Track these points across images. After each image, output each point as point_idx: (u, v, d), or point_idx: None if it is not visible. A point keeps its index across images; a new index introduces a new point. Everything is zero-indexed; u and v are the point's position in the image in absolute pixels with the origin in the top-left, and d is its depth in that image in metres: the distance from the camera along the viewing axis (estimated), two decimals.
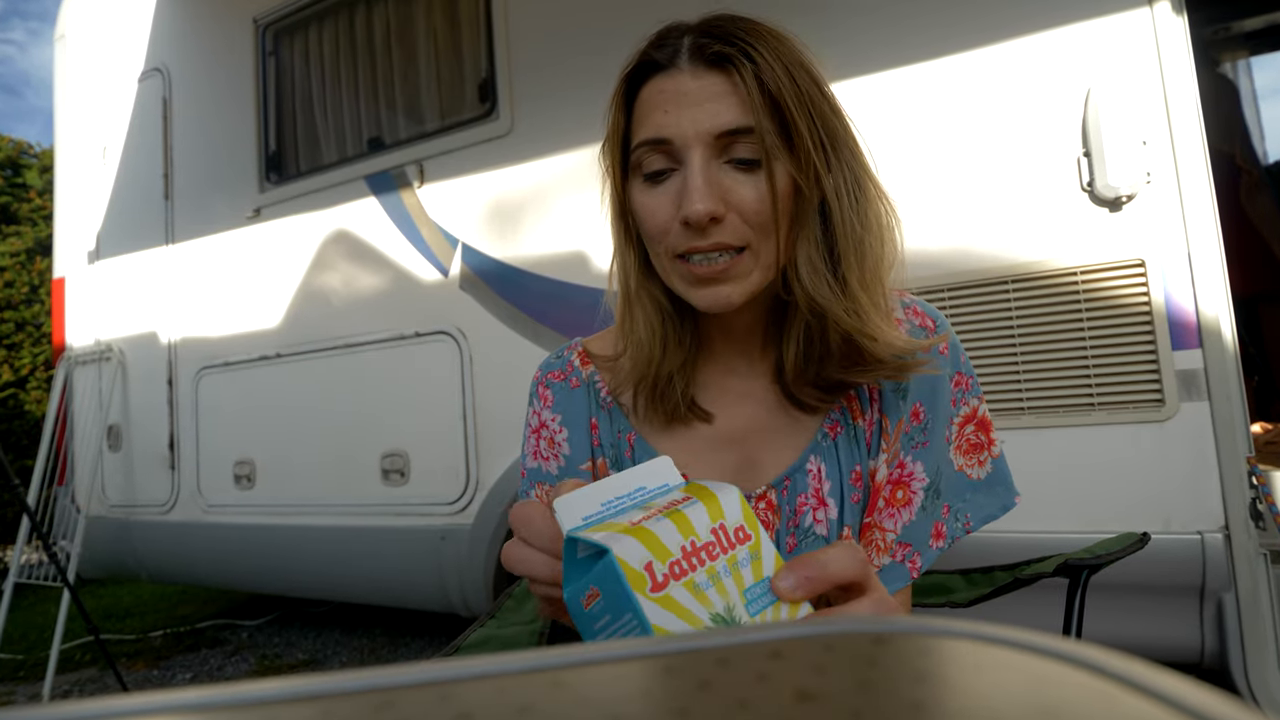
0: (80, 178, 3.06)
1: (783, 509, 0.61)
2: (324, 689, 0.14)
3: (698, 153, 0.53)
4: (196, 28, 2.74)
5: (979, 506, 0.62)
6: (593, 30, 1.98)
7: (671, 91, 0.54)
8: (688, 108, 0.53)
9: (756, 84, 0.52)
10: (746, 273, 0.55)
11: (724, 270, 0.54)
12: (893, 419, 0.61)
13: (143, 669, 2.67)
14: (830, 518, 0.60)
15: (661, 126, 0.54)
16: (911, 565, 0.60)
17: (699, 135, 0.53)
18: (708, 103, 0.53)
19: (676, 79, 0.54)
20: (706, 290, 0.55)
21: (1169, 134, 1.41)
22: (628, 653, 0.16)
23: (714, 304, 0.55)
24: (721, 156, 0.54)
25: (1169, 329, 1.40)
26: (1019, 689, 0.14)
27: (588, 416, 0.66)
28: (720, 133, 0.53)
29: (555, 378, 0.68)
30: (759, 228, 0.54)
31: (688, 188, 0.53)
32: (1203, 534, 1.37)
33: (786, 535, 0.61)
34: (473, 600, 2.04)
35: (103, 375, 2.89)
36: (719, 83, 0.53)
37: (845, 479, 0.61)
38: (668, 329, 0.61)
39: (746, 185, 0.54)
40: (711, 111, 0.53)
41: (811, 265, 0.55)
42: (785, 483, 0.61)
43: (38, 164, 7.11)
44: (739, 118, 0.53)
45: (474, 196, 2.11)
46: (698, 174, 0.53)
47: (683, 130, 0.53)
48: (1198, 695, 0.13)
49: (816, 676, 0.14)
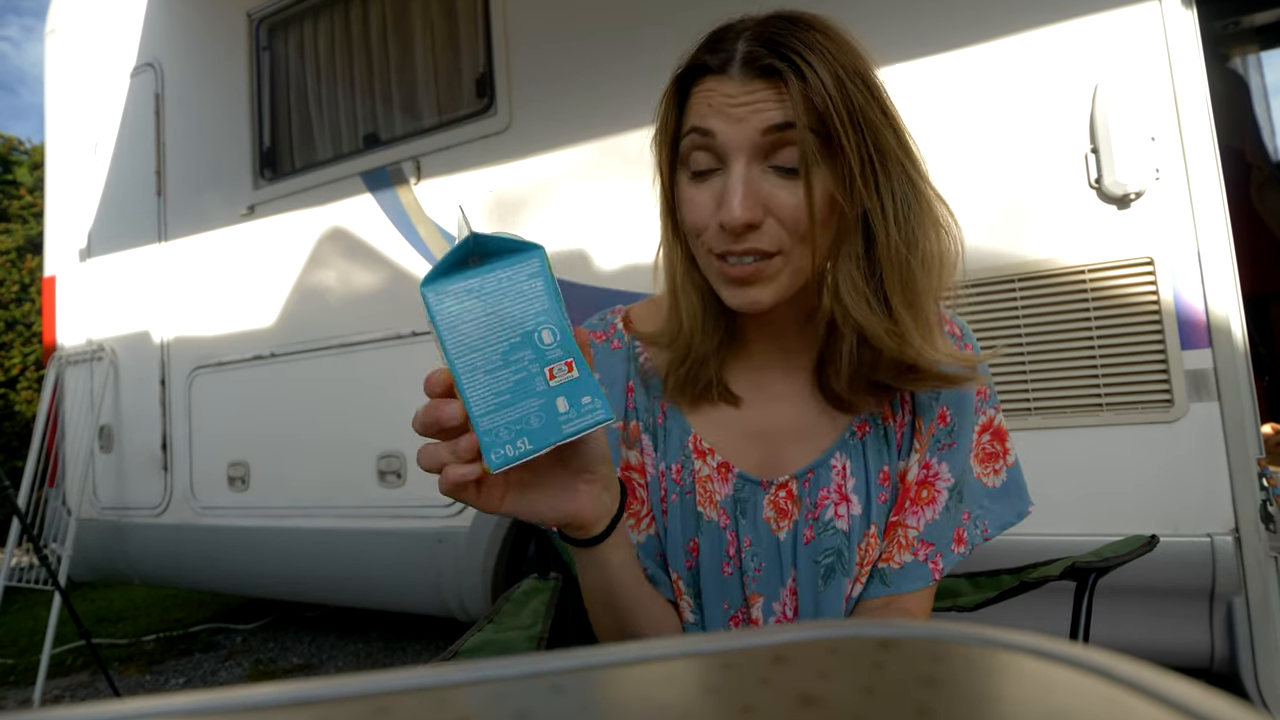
0: (71, 174, 3.03)
1: (803, 500, 0.62)
2: (320, 694, 0.14)
3: (741, 158, 0.54)
4: (189, 22, 2.71)
5: (996, 515, 0.64)
6: (592, 24, 1.95)
7: (720, 94, 0.54)
8: (734, 109, 0.54)
9: (802, 96, 0.52)
10: (775, 275, 0.56)
11: (754, 272, 0.55)
12: (925, 421, 0.63)
13: (135, 674, 2.65)
14: (853, 514, 0.61)
15: (707, 119, 0.55)
16: (934, 566, 0.60)
17: (744, 139, 0.53)
18: (755, 105, 0.53)
19: (726, 84, 0.54)
20: (738, 290, 0.57)
21: (1178, 130, 1.39)
22: (628, 657, 0.16)
23: (743, 304, 0.57)
24: (765, 161, 0.54)
25: (1178, 328, 1.38)
26: (1026, 693, 0.14)
27: (625, 379, 0.68)
28: (766, 128, 0.53)
29: (598, 338, 0.69)
30: (795, 235, 0.55)
31: (727, 193, 0.54)
32: (1212, 536, 1.35)
33: (805, 526, 0.62)
34: (470, 604, 2.02)
35: (94, 375, 2.86)
36: (767, 92, 0.53)
37: (872, 478, 0.62)
38: (708, 315, 0.61)
39: (786, 192, 0.54)
40: (757, 111, 0.53)
41: (852, 283, 0.55)
42: (809, 475, 0.62)
43: (28, 160, 7.06)
44: (784, 116, 0.53)
45: (472, 193, 2.09)
46: (738, 180, 0.53)
47: (728, 133, 0.54)
48: (1207, 700, 0.13)
49: (820, 681, 0.14)
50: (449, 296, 0.41)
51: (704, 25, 0.59)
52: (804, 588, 0.61)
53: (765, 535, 0.62)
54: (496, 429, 0.40)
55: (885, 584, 0.60)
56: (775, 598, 0.62)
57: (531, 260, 0.41)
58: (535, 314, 0.40)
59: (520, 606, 0.82)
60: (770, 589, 0.62)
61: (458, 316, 0.41)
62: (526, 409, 0.40)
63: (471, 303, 0.41)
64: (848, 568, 0.60)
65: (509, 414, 0.40)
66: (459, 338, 0.41)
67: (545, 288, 0.41)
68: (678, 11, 1.76)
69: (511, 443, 0.40)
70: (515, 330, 0.40)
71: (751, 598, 0.62)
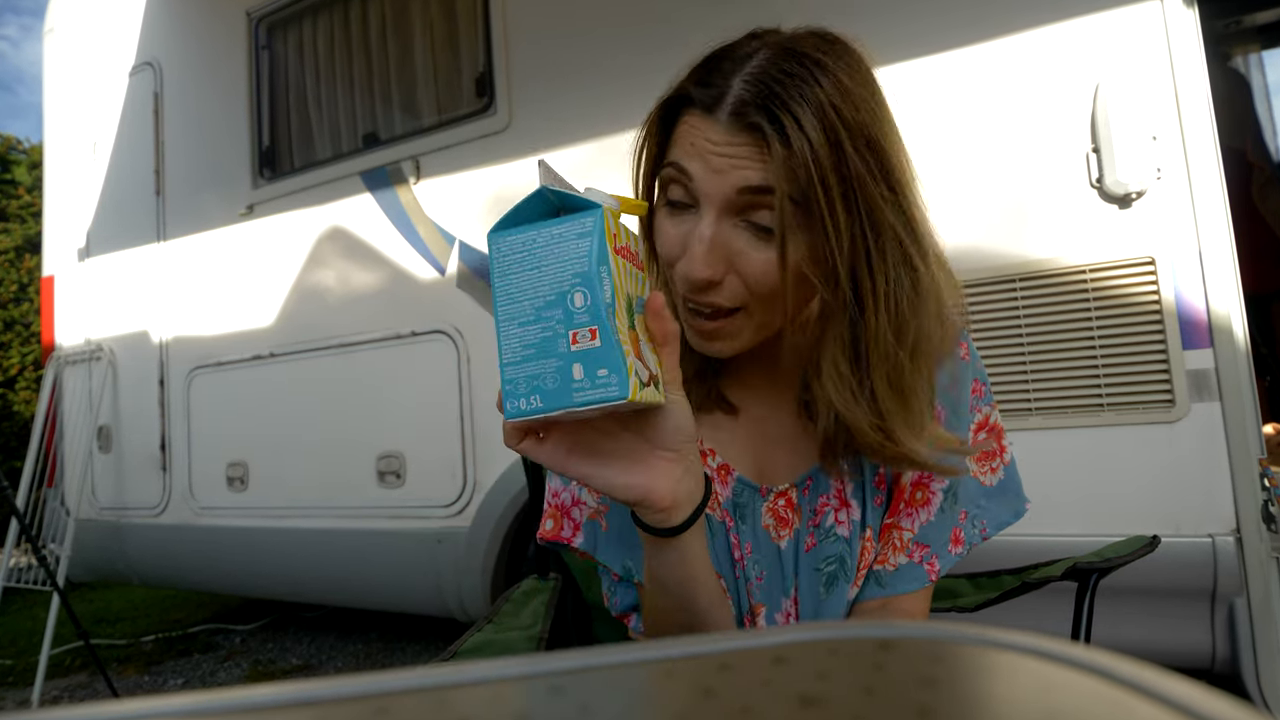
0: (70, 174, 3.03)
1: (803, 508, 0.61)
2: (319, 695, 0.14)
3: (712, 211, 0.51)
4: (188, 21, 2.71)
5: (994, 514, 0.63)
6: (592, 23, 1.95)
7: (703, 137, 0.50)
8: (714, 158, 0.50)
9: (785, 164, 0.47)
10: (737, 332, 0.54)
11: (715, 329, 0.54)
12: None
13: (134, 674, 2.64)
14: (853, 518, 0.60)
15: (688, 160, 0.51)
16: (930, 567, 0.59)
17: (718, 192, 0.50)
18: (735, 160, 0.49)
19: (711, 129, 0.50)
20: (701, 340, 0.56)
21: (1179, 129, 1.39)
22: (628, 658, 0.16)
23: (708, 352, 0.56)
24: (738, 216, 0.51)
25: (1179, 328, 1.38)
26: (1027, 694, 0.14)
27: None
28: (742, 188, 0.49)
29: None
30: (758, 295, 0.52)
31: (690, 245, 0.51)
32: (1214, 537, 1.35)
33: (806, 534, 0.60)
34: (470, 604, 2.01)
35: (93, 375, 2.85)
36: (750, 148, 0.49)
37: (868, 481, 0.61)
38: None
39: (755, 251, 0.51)
40: (736, 167, 0.49)
41: (836, 370, 0.52)
42: (807, 482, 0.61)
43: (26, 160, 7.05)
44: (763, 179, 0.49)
45: (471, 193, 2.09)
46: (705, 233, 0.50)
47: (704, 181, 0.50)
48: (1208, 701, 0.13)
49: (820, 682, 0.14)
50: (506, 245, 0.42)
51: (704, 25, 0.57)
52: (805, 596, 0.60)
53: (765, 543, 0.61)
54: (517, 380, 0.41)
55: (880, 585, 0.60)
56: (778, 608, 0.60)
57: (586, 220, 0.40)
58: (572, 275, 0.40)
59: (520, 607, 0.82)
60: (772, 599, 0.60)
61: (509, 266, 0.41)
62: (544, 368, 0.40)
63: (523, 254, 0.41)
64: (849, 574, 0.59)
65: (529, 368, 0.41)
66: (505, 286, 0.41)
67: (591, 250, 0.40)
68: (678, 10, 1.76)
69: (526, 397, 0.41)
70: (553, 288, 0.40)
71: (756, 607, 0.60)
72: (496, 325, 0.41)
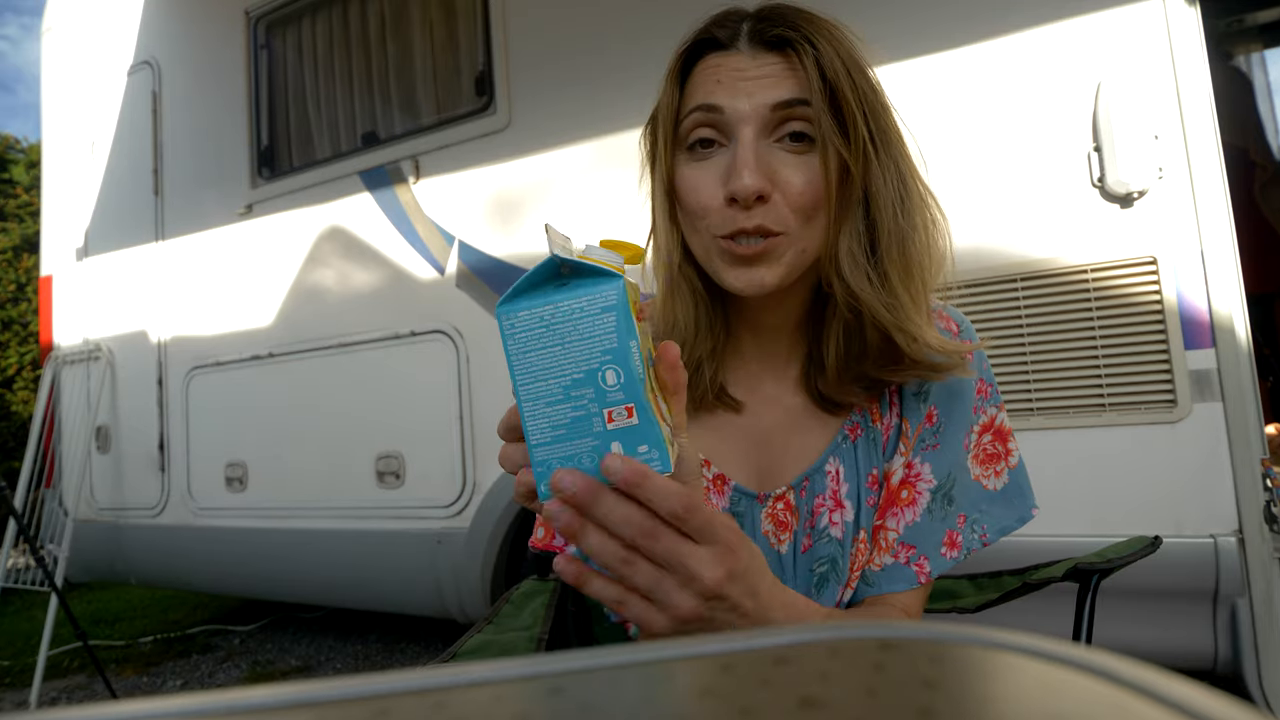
0: (68, 173, 3.02)
1: (800, 510, 0.61)
2: (318, 696, 0.14)
3: (749, 129, 0.53)
4: (187, 20, 2.70)
5: (995, 518, 0.62)
6: (592, 22, 1.95)
7: (728, 68, 0.54)
8: (744, 83, 0.53)
9: (816, 67, 0.52)
10: (781, 255, 0.55)
11: (762, 251, 0.54)
12: (912, 423, 0.61)
13: (132, 675, 2.63)
14: (846, 519, 0.60)
15: (714, 94, 0.54)
16: (918, 569, 0.59)
17: (752, 110, 0.53)
18: (764, 79, 0.53)
19: (734, 58, 0.54)
20: (743, 271, 0.55)
21: (1181, 128, 1.39)
22: (628, 659, 0.16)
23: (748, 285, 0.55)
24: (772, 135, 0.54)
25: (1181, 328, 1.38)
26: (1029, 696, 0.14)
27: None
28: (776, 103, 0.53)
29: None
30: (800, 213, 0.54)
31: (736, 163, 0.52)
32: (1216, 537, 1.35)
33: (803, 536, 0.60)
34: (469, 605, 2.01)
35: (91, 375, 2.84)
36: (777, 63, 0.53)
37: (862, 481, 0.61)
38: (702, 316, 0.60)
39: (795, 167, 0.53)
40: (768, 85, 0.53)
41: (852, 257, 0.55)
42: (804, 483, 0.61)
43: (25, 159, 7.05)
44: (796, 92, 0.53)
45: (471, 192, 2.08)
46: (748, 149, 0.52)
47: (736, 104, 0.53)
48: (1210, 702, 0.13)
49: (821, 683, 0.14)
50: (520, 321, 0.40)
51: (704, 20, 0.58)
52: None
53: (765, 550, 0.60)
54: (549, 461, 0.39)
55: (869, 585, 0.60)
56: None
57: (608, 292, 0.38)
58: (601, 352, 0.38)
59: (520, 608, 0.81)
60: None
61: (526, 342, 0.40)
62: (580, 448, 0.39)
63: (541, 330, 0.39)
64: (841, 575, 0.59)
65: (563, 449, 0.39)
66: (525, 364, 0.40)
67: (617, 323, 0.38)
68: (678, 9, 1.75)
69: None
70: (580, 366, 0.39)
71: None
72: (520, 404, 0.40)
